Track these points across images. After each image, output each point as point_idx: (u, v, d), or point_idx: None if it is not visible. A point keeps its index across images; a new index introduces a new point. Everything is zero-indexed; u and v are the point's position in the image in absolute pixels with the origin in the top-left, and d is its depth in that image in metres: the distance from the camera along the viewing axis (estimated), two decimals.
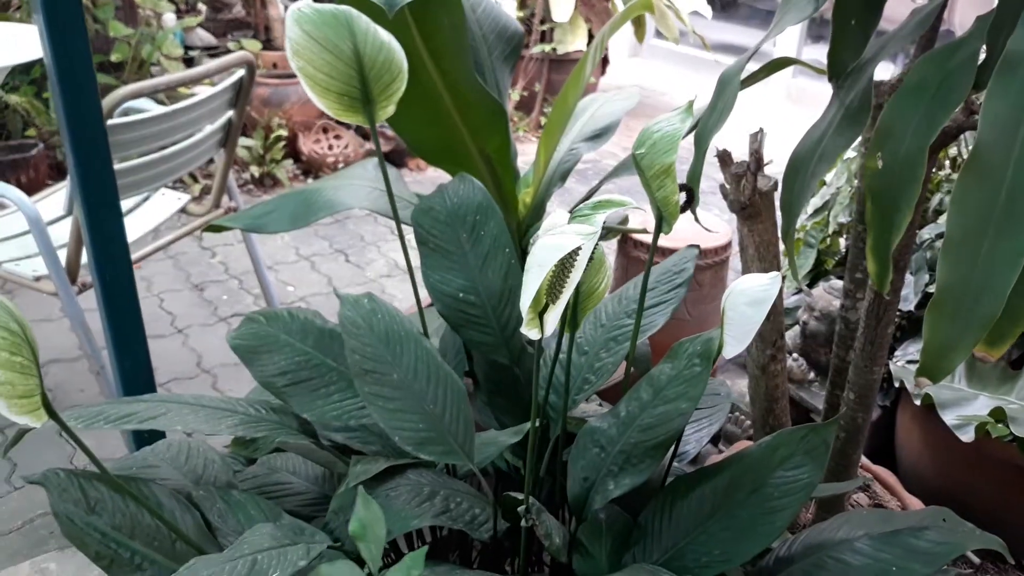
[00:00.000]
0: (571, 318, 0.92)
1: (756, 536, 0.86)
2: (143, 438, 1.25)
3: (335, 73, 0.86)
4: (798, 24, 1.05)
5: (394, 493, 0.89)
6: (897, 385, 1.73)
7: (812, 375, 1.97)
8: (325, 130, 3.63)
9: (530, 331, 0.77)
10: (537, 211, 1.65)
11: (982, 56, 0.82)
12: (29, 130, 3.37)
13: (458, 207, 1.13)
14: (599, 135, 1.69)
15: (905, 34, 0.99)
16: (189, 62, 4.04)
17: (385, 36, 0.87)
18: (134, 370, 1.23)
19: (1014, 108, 0.66)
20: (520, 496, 0.86)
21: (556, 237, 0.74)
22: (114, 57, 3.44)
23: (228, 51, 4.16)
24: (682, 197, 0.92)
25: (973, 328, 0.66)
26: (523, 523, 0.84)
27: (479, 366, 1.16)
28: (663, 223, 0.89)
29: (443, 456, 0.89)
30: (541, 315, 0.78)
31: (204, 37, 4.29)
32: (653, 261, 1.03)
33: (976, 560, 1.59)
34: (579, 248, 0.74)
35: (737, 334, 0.86)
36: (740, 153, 1.18)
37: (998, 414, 1.48)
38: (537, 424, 0.87)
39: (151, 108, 1.96)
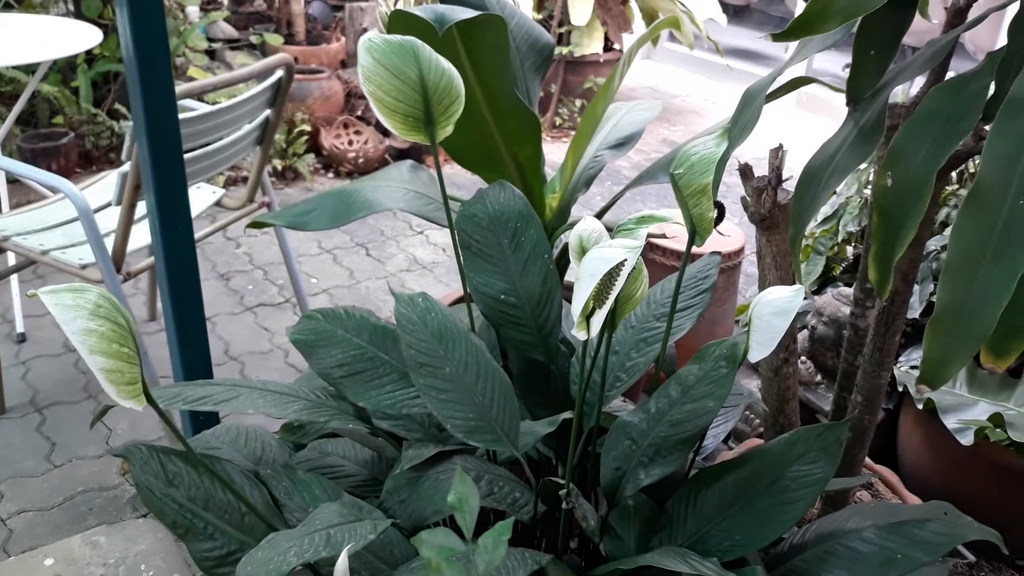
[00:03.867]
0: (609, 321, 1.00)
1: (773, 524, 0.95)
2: (199, 421, 1.33)
3: (402, 97, 0.94)
4: (823, 50, 1.13)
5: (444, 476, 0.98)
6: (900, 389, 1.81)
7: (819, 378, 2.05)
8: (346, 125, 3.70)
9: (579, 333, 0.85)
10: (562, 215, 1.73)
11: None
12: (56, 118, 3.45)
13: (499, 214, 1.21)
14: (623, 143, 1.77)
15: (920, 63, 1.06)
16: (211, 54, 4.12)
17: (446, 64, 0.95)
18: (195, 358, 1.32)
19: (1014, 148, 0.74)
20: (560, 481, 0.95)
21: (605, 249, 0.82)
22: None
23: (249, 43, 4.24)
24: (713, 213, 1.00)
25: (968, 343, 0.74)
26: (564, 506, 0.93)
27: (514, 362, 1.24)
28: (696, 237, 0.97)
29: (491, 443, 0.97)
30: (587, 318, 0.86)
31: (226, 29, 4.37)
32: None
33: (972, 557, 1.67)
34: (625, 259, 0.82)
35: (762, 340, 0.94)
36: (752, 158, 1.25)
37: (997, 419, 1.56)
38: (572, 416, 0.95)
39: (194, 105, 2.04)
